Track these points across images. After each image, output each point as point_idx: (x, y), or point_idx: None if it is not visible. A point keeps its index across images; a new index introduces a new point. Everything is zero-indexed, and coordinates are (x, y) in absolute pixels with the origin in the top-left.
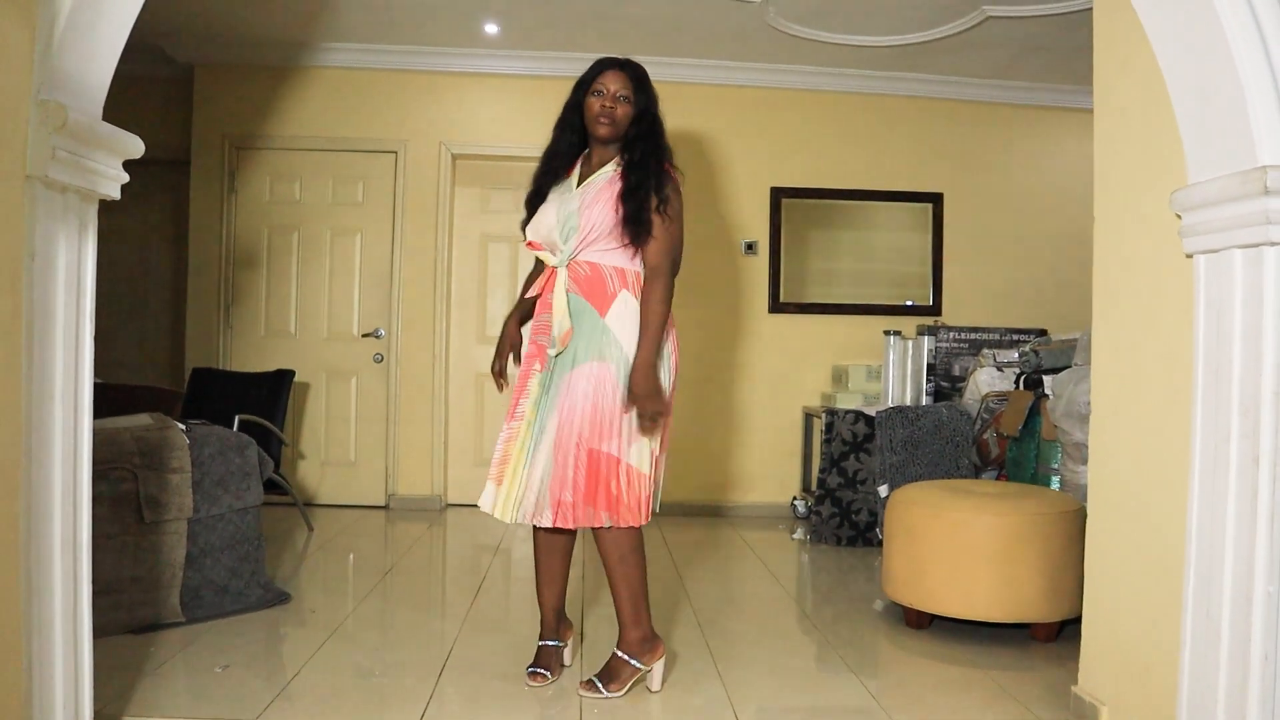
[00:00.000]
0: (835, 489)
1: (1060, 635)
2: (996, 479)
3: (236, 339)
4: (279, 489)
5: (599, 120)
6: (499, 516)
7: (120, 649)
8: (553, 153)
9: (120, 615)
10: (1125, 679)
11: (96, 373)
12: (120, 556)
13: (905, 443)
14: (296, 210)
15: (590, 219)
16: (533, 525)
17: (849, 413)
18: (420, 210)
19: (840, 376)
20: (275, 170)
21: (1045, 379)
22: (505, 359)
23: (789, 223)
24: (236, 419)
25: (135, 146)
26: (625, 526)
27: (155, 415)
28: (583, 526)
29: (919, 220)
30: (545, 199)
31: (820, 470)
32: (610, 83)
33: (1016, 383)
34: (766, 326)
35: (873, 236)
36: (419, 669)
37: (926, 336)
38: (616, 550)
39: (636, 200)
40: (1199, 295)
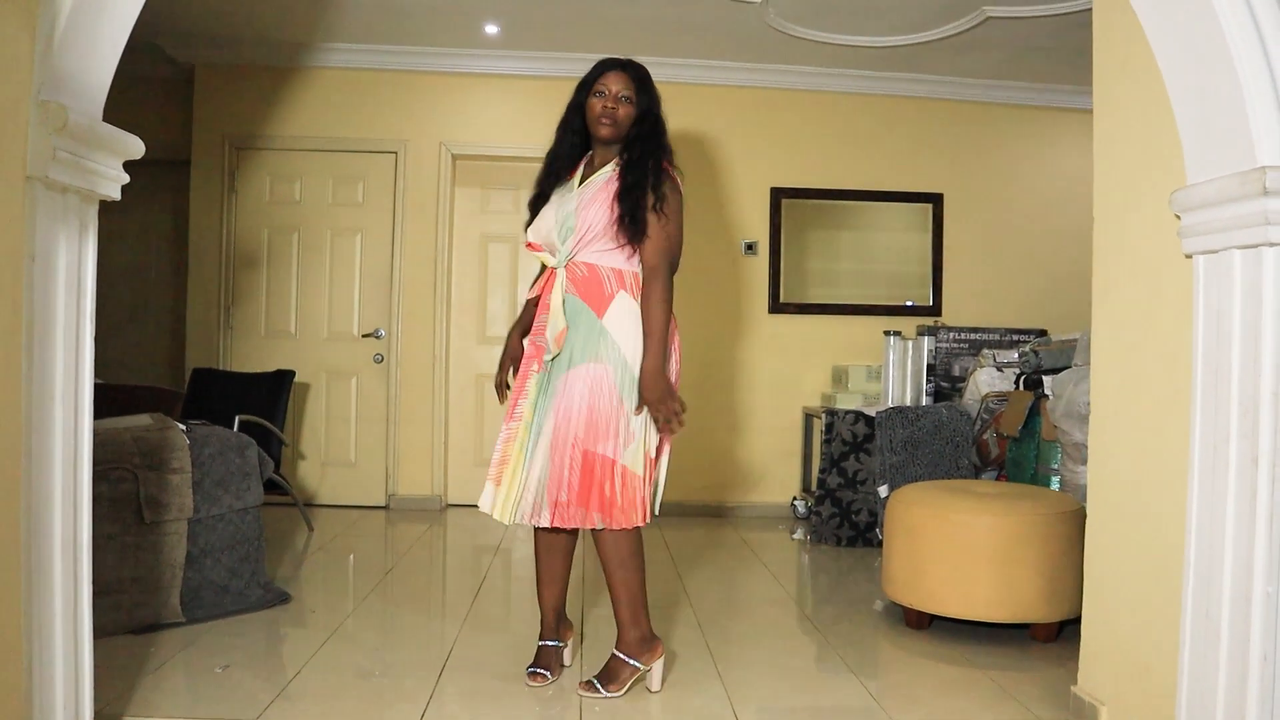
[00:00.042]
0: (835, 489)
1: (1060, 635)
2: (996, 479)
3: (237, 339)
4: (279, 489)
5: (600, 121)
6: (498, 517)
7: (120, 649)
8: (555, 154)
9: (120, 615)
10: (1125, 679)
11: (97, 373)
12: (120, 557)
13: (905, 443)
14: (297, 210)
15: (586, 219)
16: (533, 525)
17: (849, 413)
18: (420, 210)
19: (840, 377)
20: (275, 170)
21: (1045, 379)
22: (506, 372)
23: (789, 223)
24: (237, 419)
25: (135, 147)
26: (621, 528)
27: (155, 415)
28: (575, 527)
29: (919, 220)
30: (548, 201)
31: (820, 470)
32: (612, 83)
33: (1016, 383)
34: (766, 327)
35: (873, 237)
36: (419, 669)
37: (926, 337)
38: (615, 551)
39: (632, 199)
40: (1198, 296)
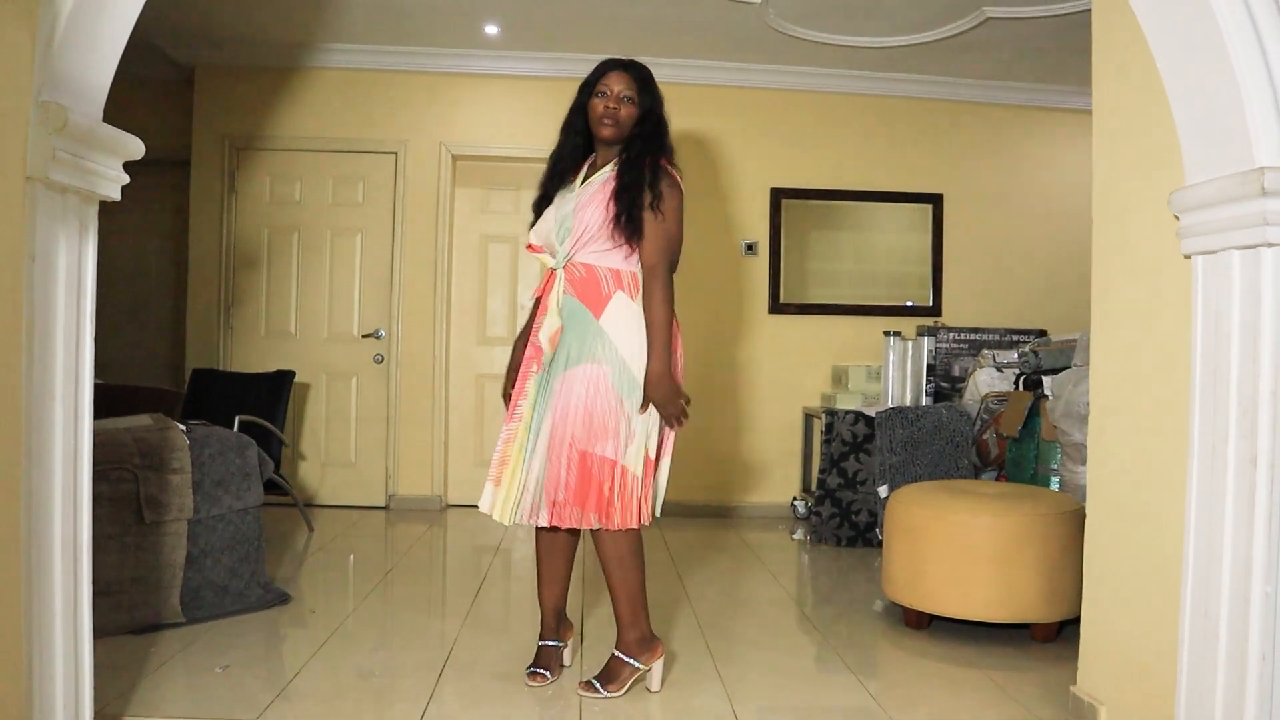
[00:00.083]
0: (835, 489)
1: (1059, 635)
2: (996, 479)
3: (237, 339)
4: (279, 489)
5: (602, 121)
6: (497, 518)
7: (120, 649)
8: (558, 156)
9: (120, 615)
10: (1124, 679)
11: (97, 373)
12: (120, 557)
13: (905, 443)
14: (297, 211)
15: (583, 220)
16: (534, 526)
17: (849, 413)
18: (420, 211)
19: (840, 377)
20: (275, 171)
21: (1045, 379)
22: (511, 380)
23: (789, 223)
24: (237, 419)
25: (135, 148)
26: (619, 529)
27: (155, 416)
28: (573, 527)
29: (919, 221)
30: (551, 203)
31: (820, 471)
32: (614, 84)
33: (1016, 383)
34: (766, 327)
35: (872, 237)
36: (419, 669)
37: (926, 337)
38: (614, 552)
39: (628, 198)
40: (1197, 296)
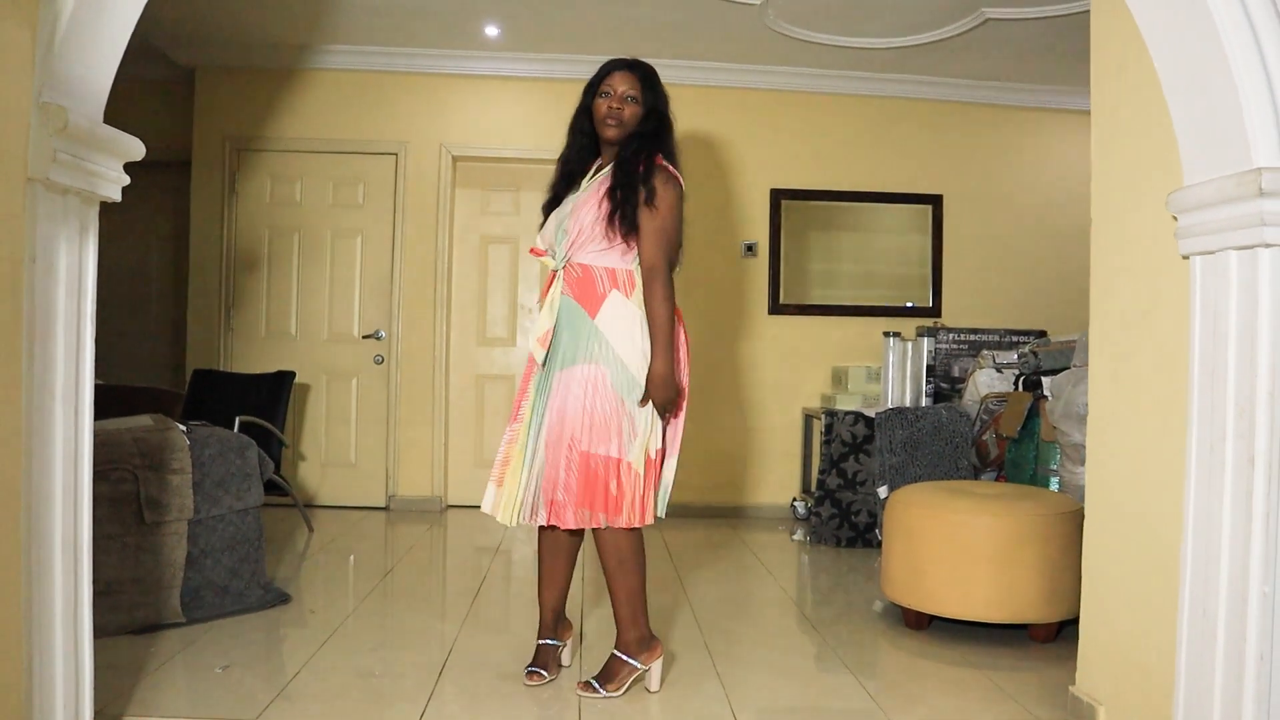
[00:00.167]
0: (835, 490)
1: (1059, 636)
2: (995, 480)
3: (237, 340)
4: (279, 490)
5: (606, 122)
6: (500, 519)
7: (120, 649)
8: (565, 158)
9: (120, 615)
10: (1122, 679)
11: (97, 374)
12: (121, 557)
13: (905, 444)
14: (297, 212)
15: (579, 220)
16: (534, 525)
17: (848, 414)
18: (420, 212)
19: (840, 378)
20: (276, 172)
21: (1044, 380)
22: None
23: (789, 224)
24: (237, 420)
25: (136, 149)
26: (627, 527)
27: (156, 416)
28: (581, 527)
29: (918, 222)
30: (560, 205)
31: (820, 471)
32: (618, 84)
33: (1015, 384)
34: (766, 328)
35: (872, 238)
36: (418, 669)
37: (926, 338)
38: (615, 552)
39: (621, 194)
40: (1195, 296)
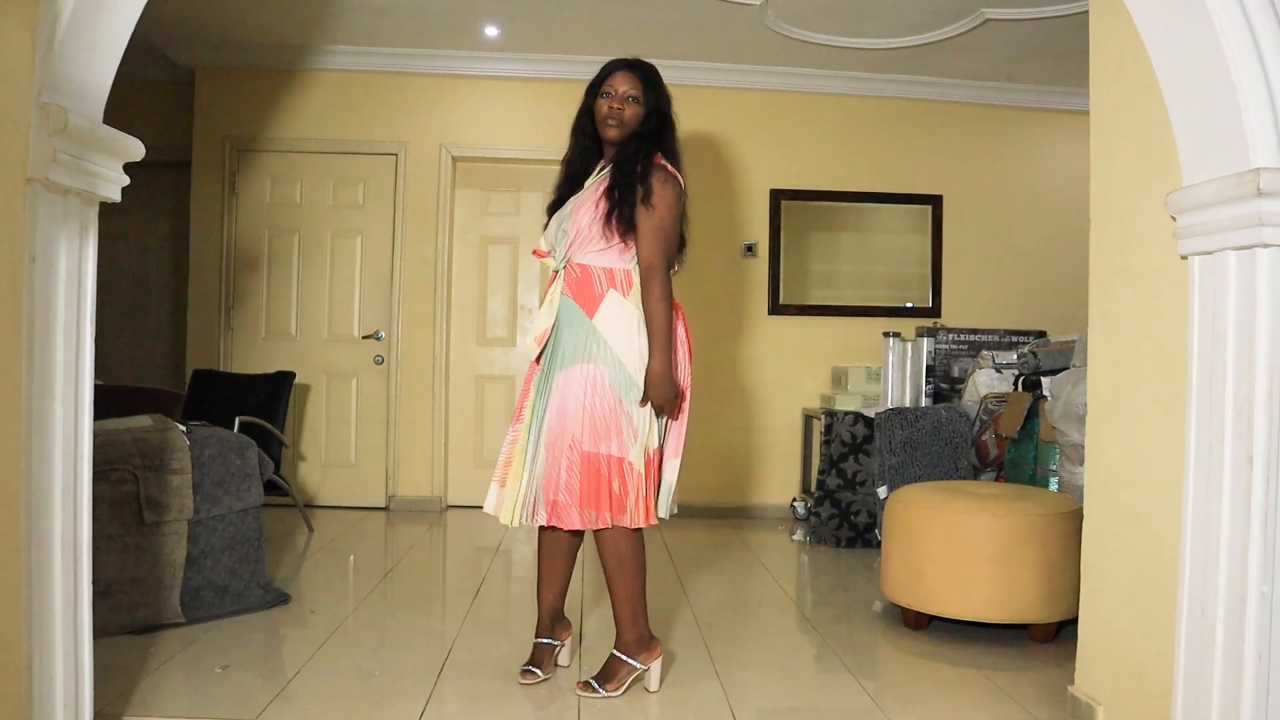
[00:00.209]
0: (834, 490)
1: (1058, 636)
2: (995, 480)
3: (237, 340)
4: (279, 490)
5: (607, 122)
6: (504, 520)
7: (120, 649)
8: (568, 159)
9: (120, 615)
10: (1121, 679)
11: (97, 374)
12: (121, 557)
13: (904, 444)
14: (297, 212)
15: (577, 221)
16: (535, 525)
17: (848, 414)
18: (420, 212)
19: (840, 378)
20: (276, 172)
21: (1043, 380)
22: None
23: (789, 224)
24: (237, 420)
25: (136, 149)
26: (632, 526)
27: (156, 416)
28: (586, 528)
29: (918, 222)
30: (563, 206)
31: (819, 472)
32: (619, 84)
33: (1015, 384)
34: (766, 328)
35: (872, 238)
36: (418, 669)
37: (926, 338)
38: (616, 552)
39: (619, 194)
40: (1193, 297)
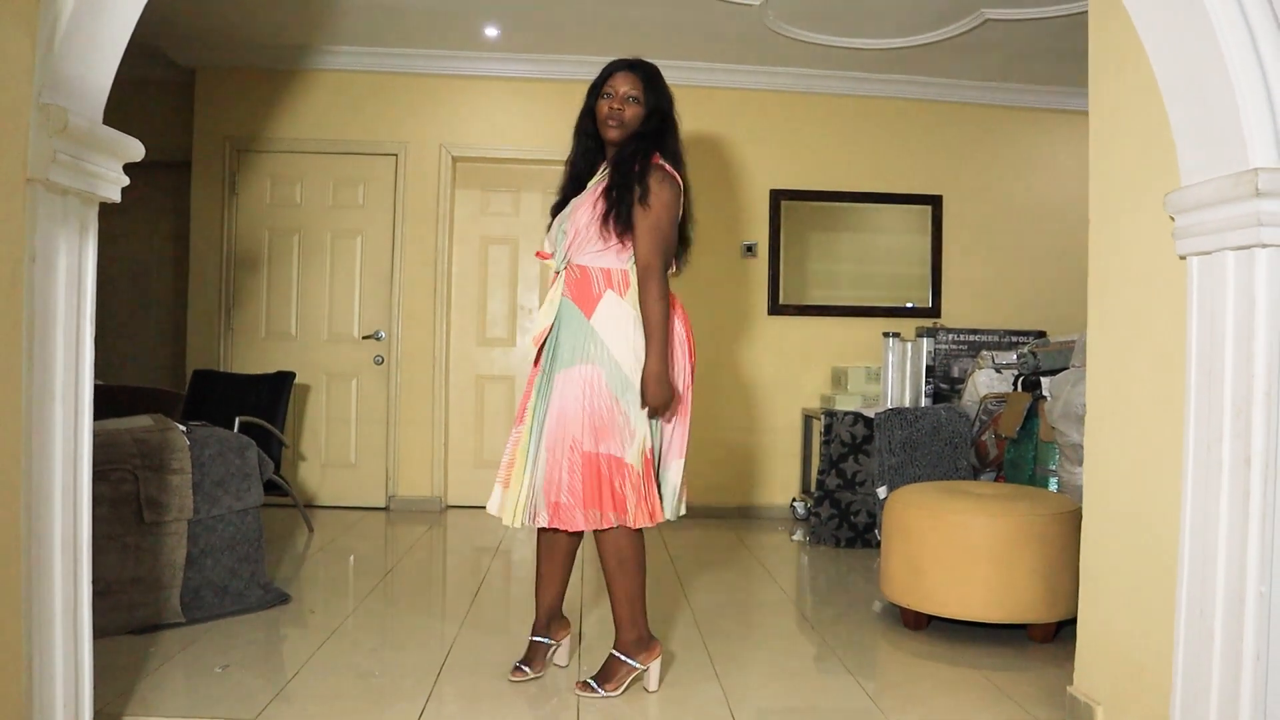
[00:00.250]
0: (834, 490)
1: (1057, 636)
2: (994, 480)
3: (237, 341)
4: (279, 490)
5: (607, 123)
6: (506, 521)
7: (120, 649)
8: (572, 161)
9: (120, 615)
10: (1120, 679)
11: (97, 374)
12: (121, 557)
13: (904, 444)
14: (297, 212)
15: (576, 222)
16: (535, 527)
17: (848, 414)
18: (420, 212)
19: (839, 378)
20: (276, 173)
21: (1043, 381)
22: None
23: (788, 225)
24: (237, 420)
25: (135, 150)
26: (634, 526)
27: (156, 417)
28: (591, 529)
29: (918, 222)
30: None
31: (819, 472)
32: (619, 84)
33: (1015, 384)
34: (766, 328)
35: (872, 238)
36: (417, 670)
37: (925, 338)
38: (615, 552)
39: (617, 194)
40: (1191, 297)
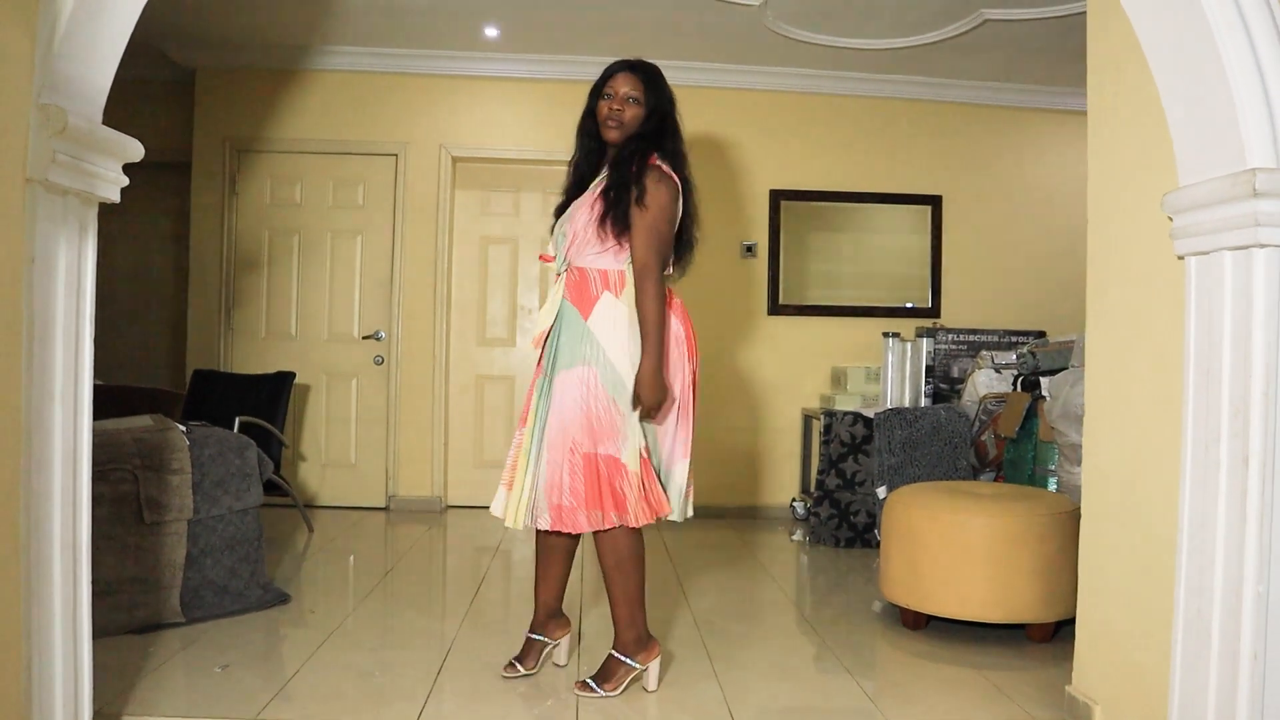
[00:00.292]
0: (834, 490)
1: (1055, 636)
2: (994, 480)
3: (237, 341)
4: (279, 490)
5: (606, 124)
6: (509, 524)
7: (120, 649)
8: (575, 162)
9: (120, 615)
10: (1118, 678)
11: (98, 374)
12: (120, 557)
13: (903, 444)
14: (297, 213)
15: (574, 224)
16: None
17: (847, 414)
18: (420, 213)
19: (839, 378)
20: (276, 173)
21: (1042, 381)
22: None
23: (788, 225)
24: (237, 420)
25: (135, 150)
26: (633, 526)
27: (156, 416)
28: (593, 529)
29: (918, 222)
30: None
31: (819, 472)
32: (619, 85)
33: (1014, 384)
34: (765, 328)
35: (871, 239)
36: (417, 669)
37: (925, 338)
38: (614, 552)
39: (614, 195)
40: (1190, 297)
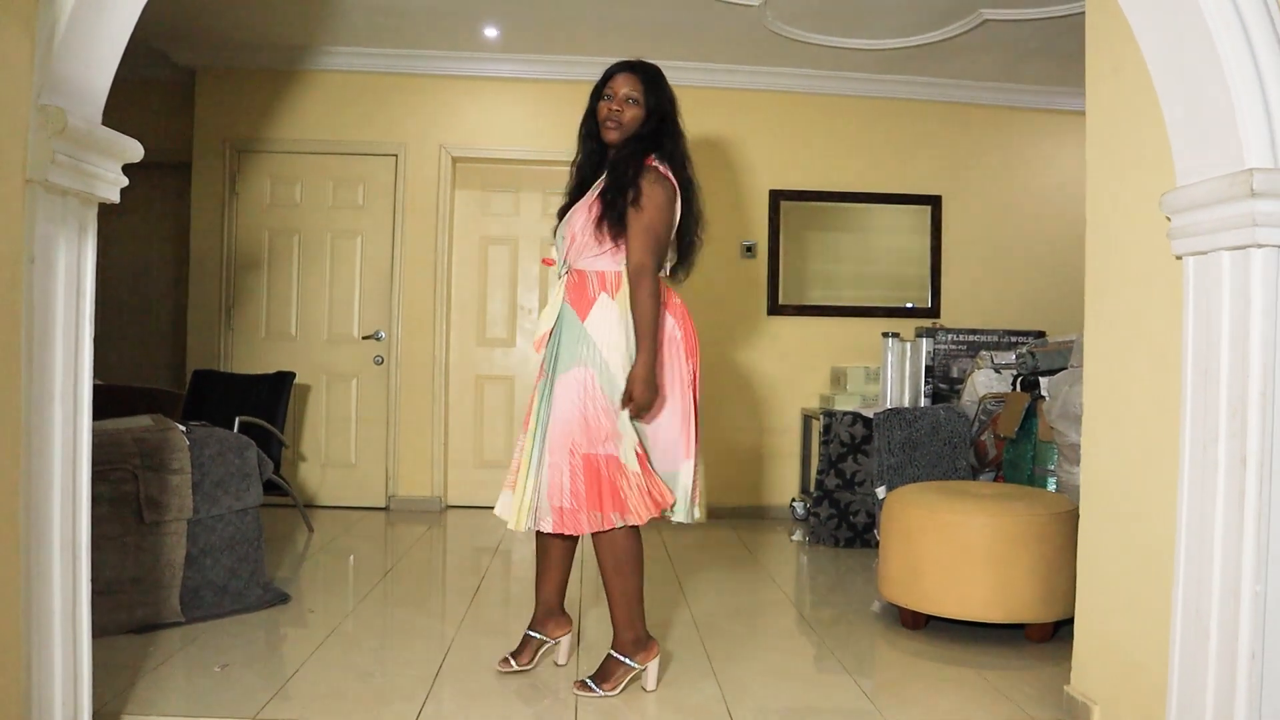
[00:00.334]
0: (833, 490)
1: (1054, 635)
2: (993, 480)
3: (237, 341)
4: (279, 490)
5: (605, 125)
6: (512, 525)
7: (120, 649)
8: (578, 164)
9: (120, 615)
10: (1117, 678)
11: (98, 374)
12: (120, 557)
13: (903, 444)
14: (297, 213)
15: (572, 227)
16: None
17: (847, 414)
18: (420, 213)
19: (839, 378)
20: (276, 173)
21: (1042, 381)
22: None
23: (788, 225)
24: (237, 420)
25: (135, 150)
26: (637, 524)
27: (156, 416)
28: (595, 530)
29: (917, 223)
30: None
31: (818, 472)
32: (619, 86)
33: (1013, 384)
34: (765, 328)
35: (871, 239)
36: (417, 669)
37: (925, 338)
38: (612, 552)
39: (611, 197)
40: (1188, 297)
